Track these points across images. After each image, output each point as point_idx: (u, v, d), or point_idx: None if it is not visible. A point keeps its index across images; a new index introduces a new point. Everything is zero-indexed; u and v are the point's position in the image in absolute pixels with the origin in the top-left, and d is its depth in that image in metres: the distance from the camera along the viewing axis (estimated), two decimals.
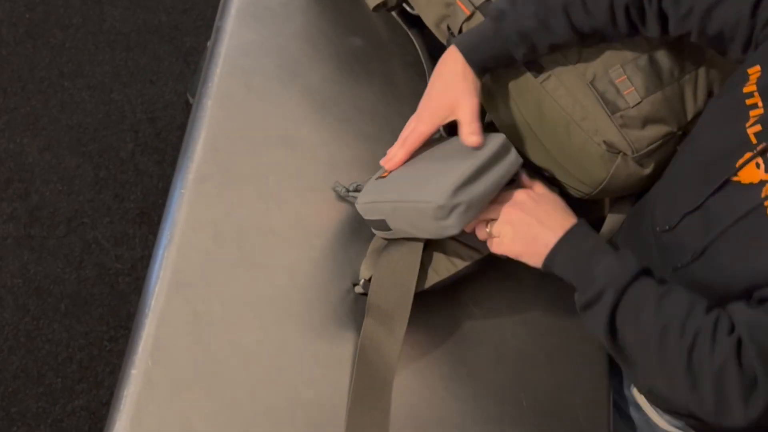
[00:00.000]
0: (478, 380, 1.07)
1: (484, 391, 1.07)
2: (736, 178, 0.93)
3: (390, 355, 0.99)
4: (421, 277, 1.05)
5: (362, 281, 1.04)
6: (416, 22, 1.26)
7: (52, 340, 1.74)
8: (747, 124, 0.94)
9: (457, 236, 1.08)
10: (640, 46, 1.11)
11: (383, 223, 1.03)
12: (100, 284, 1.82)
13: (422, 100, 1.09)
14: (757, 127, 0.93)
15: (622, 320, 0.94)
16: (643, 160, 1.10)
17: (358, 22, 1.29)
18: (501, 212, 1.03)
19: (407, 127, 1.08)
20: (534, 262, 1.02)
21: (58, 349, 1.74)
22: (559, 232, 0.99)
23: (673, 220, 1.01)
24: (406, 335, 1.02)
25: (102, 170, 1.95)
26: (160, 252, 0.98)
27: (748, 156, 0.92)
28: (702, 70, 1.14)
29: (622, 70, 1.09)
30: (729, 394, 0.87)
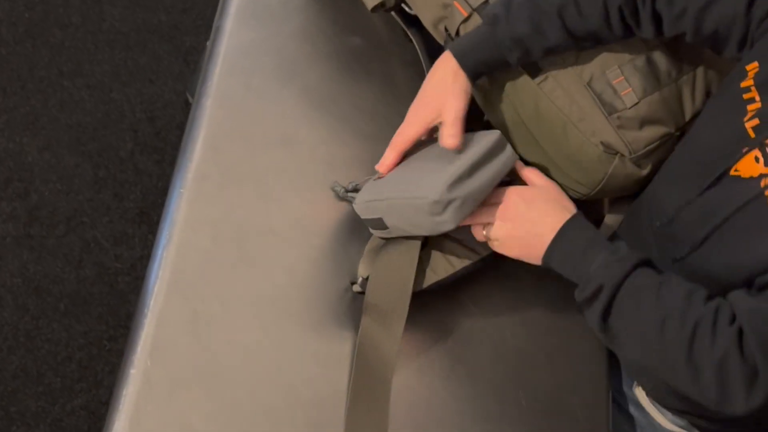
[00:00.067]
0: (478, 379, 1.07)
1: (484, 391, 1.07)
2: (735, 173, 0.94)
3: (388, 354, 0.99)
4: (420, 277, 1.05)
5: (360, 280, 1.04)
6: (415, 22, 1.26)
7: (52, 340, 1.74)
8: (745, 119, 0.94)
9: (456, 236, 1.09)
10: (638, 47, 1.11)
11: (380, 222, 1.04)
12: (100, 284, 1.82)
13: (413, 103, 1.10)
14: (754, 121, 0.93)
15: (620, 316, 0.95)
16: (640, 161, 1.10)
17: (357, 21, 1.29)
18: (495, 216, 1.03)
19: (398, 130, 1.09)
20: (534, 261, 1.03)
21: (58, 348, 1.74)
22: (553, 230, 1.00)
23: (670, 213, 1.02)
24: (406, 334, 1.02)
25: (101, 169, 1.95)
26: (159, 251, 0.98)
27: (746, 150, 0.93)
28: (700, 71, 1.14)
29: (619, 71, 1.09)
30: (731, 384, 0.88)
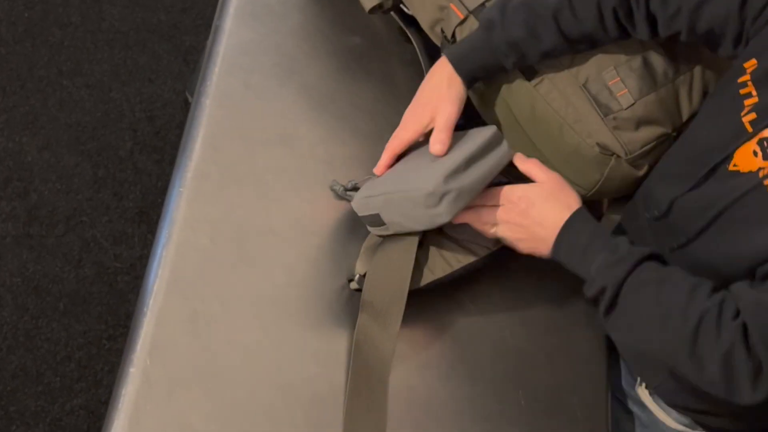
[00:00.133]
0: (477, 379, 1.07)
1: (483, 390, 1.07)
2: (734, 168, 0.94)
3: (385, 351, 0.99)
4: (417, 276, 1.05)
5: (357, 277, 1.04)
6: (414, 21, 1.26)
7: (51, 339, 1.74)
8: (742, 114, 0.95)
9: (454, 235, 1.09)
10: (634, 48, 1.11)
11: (377, 218, 1.04)
12: (99, 283, 1.82)
13: (409, 107, 1.10)
14: (751, 115, 0.94)
15: (623, 314, 0.96)
16: (637, 162, 1.10)
17: (356, 20, 1.29)
18: (499, 217, 1.04)
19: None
20: (544, 256, 1.04)
21: (57, 348, 1.73)
22: (555, 229, 1.01)
23: (665, 204, 1.02)
24: (405, 334, 1.02)
25: (101, 169, 1.95)
26: (159, 251, 0.98)
27: (742, 141, 0.94)
28: (697, 71, 1.14)
29: (615, 72, 1.09)
30: (736, 378, 0.89)
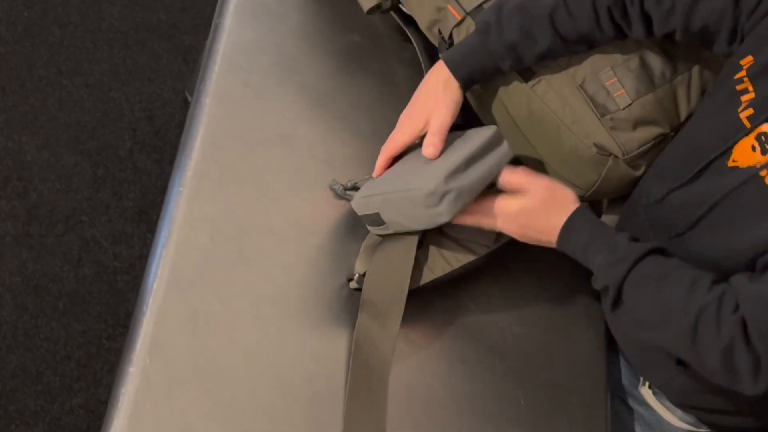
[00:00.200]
0: (476, 378, 1.07)
1: (482, 390, 1.07)
2: (733, 163, 0.95)
3: (385, 350, 0.99)
4: (417, 275, 1.05)
5: (357, 276, 1.04)
6: (413, 20, 1.26)
7: (51, 339, 1.74)
8: (739, 109, 0.96)
9: (454, 234, 1.09)
10: (631, 49, 1.11)
11: (377, 217, 1.04)
12: (99, 282, 1.82)
13: (405, 110, 1.10)
14: (749, 111, 0.95)
15: (626, 311, 0.98)
16: (634, 162, 1.10)
17: (356, 19, 1.29)
18: (497, 228, 1.05)
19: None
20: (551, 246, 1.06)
21: (57, 347, 1.73)
22: (555, 230, 1.03)
23: (660, 195, 1.03)
24: (405, 333, 1.02)
25: (100, 168, 1.95)
26: (158, 250, 0.98)
27: (740, 136, 0.95)
28: (696, 71, 1.13)
29: (612, 73, 1.09)
30: (737, 371, 0.90)
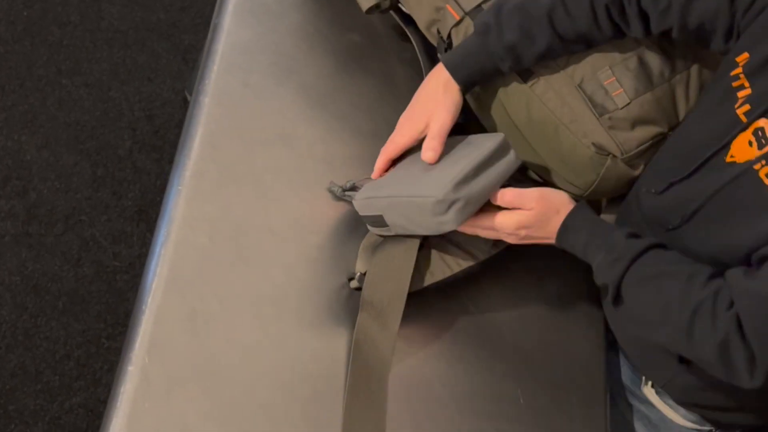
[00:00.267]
0: (475, 377, 1.07)
1: (482, 389, 1.07)
2: (731, 159, 0.95)
3: (384, 350, 1.00)
4: (417, 278, 1.05)
5: (357, 275, 1.04)
6: (413, 20, 1.26)
7: (50, 338, 1.74)
8: (735, 106, 0.96)
9: (455, 239, 1.09)
10: (630, 48, 1.11)
11: (380, 219, 1.03)
12: (98, 282, 1.82)
13: (404, 112, 1.11)
14: (745, 107, 0.95)
15: (626, 309, 1.00)
16: (633, 162, 1.10)
17: (355, 18, 1.29)
18: (501, 235, 1.06)
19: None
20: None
21: (56, 346, 1.73)
22: (553, 234, 1.05)
23: (660, 188, 1.04)
24: (404, 333, 1.02)
25: (100, 168, 1.95)
26: (158, 249, 0.98)
27: (737, 132, 0.95)
28: (694, 70, 1.13)
29: (610, 72, 1.09)
30: (733, 366, 0.91)
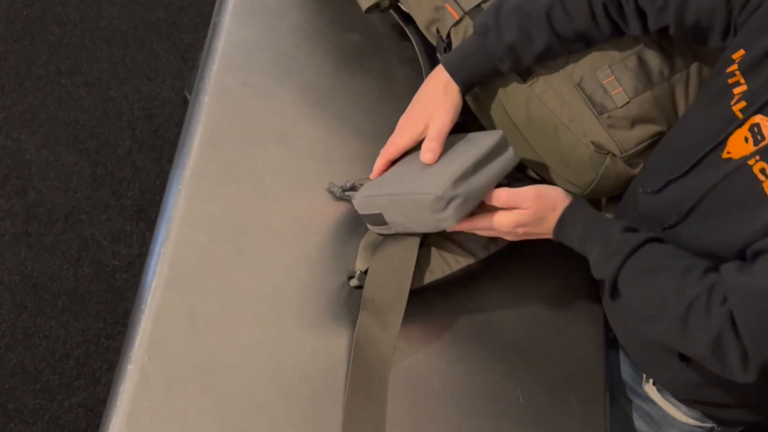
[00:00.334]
0: (475, 376, 1.07)
1: (481, 388, 1.07)
2: (727, 155, 0.96)
3: (385, 349, 1.00)
4: (417, 276, 1.06)
5: (358, 273, 1.04)
6: (412, 19, 1.26)
7: (50, 337, 1.74)
8: (732, 102, 0.96)
9: (454, 237, 1.09)
10: (629, 47, 1.11)
11: (380, 217, 1.03)
12: (98, 281, 1.82)
13: (404, 113, 1.11)
14: (741, 103, 0.95)
15: (623, 302, 1.01)
16: (632, 160, 1.10)
17: (355, 18, 1.29)
18: (498, 233, 1.06)
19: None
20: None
21: (56, 346, 1.74)
22: (549, 231, 1.05)
23: (657, 186, 1.04)
24: (404, 332, 1.02)
25: (99, 167, 1.95)
26: (157, 248, 0.98)
27: (732, 129, 0.95)
28: (694, 69, 1.13)
29: (610, 71, 1.09)
30: (727, 360, 0.91)
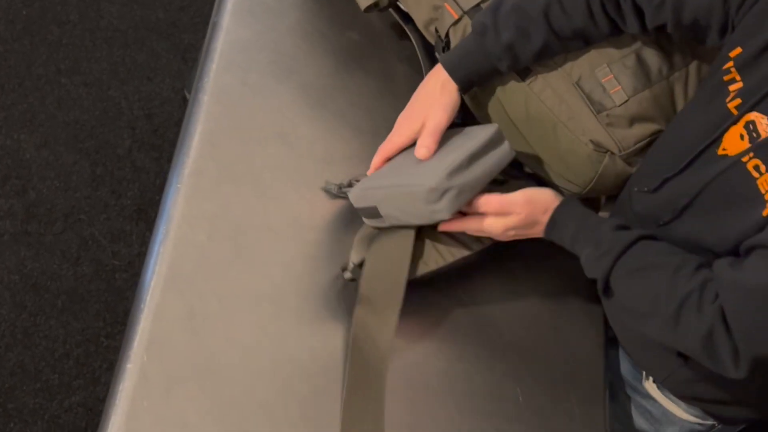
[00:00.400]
0: (474, 376, 1.07)
1: (480, 387, 1.07)
2: (723, 152, 0.96)
3: (383, 345, 0.99)
4: (411, 267, 1.05)
5: (351, 266, 1.04)
6: (411, 18, 1.26)
7: (49, 337, 1.74)
8: (727, 99, 0.96)
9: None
10: (628, 45, 1.11)
11: (374, 210, 1.04)
12: (97, 281, 1.82)
13: (403, 111, 1.11)
14: (737, 101, 0.95)
15: (615, 301, 1.02)
16: (631, 159, 1.10)
17: (354, 17, 1.29)
18: (489, 235, 1.06)
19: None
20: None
21: (55, 345, 1.74)
22: (541, 232, 1.07)
23: (654, 184, 1.04)
24: (402, 331, 1.02)
25: (99, 167, 1.95)
26: (156, 247, 0.98)
27: (728, 125, 0.96)
28: (693, 67, 1.13)
29: (608, 69, 1.09)
30: (718, 357, 0.92)
